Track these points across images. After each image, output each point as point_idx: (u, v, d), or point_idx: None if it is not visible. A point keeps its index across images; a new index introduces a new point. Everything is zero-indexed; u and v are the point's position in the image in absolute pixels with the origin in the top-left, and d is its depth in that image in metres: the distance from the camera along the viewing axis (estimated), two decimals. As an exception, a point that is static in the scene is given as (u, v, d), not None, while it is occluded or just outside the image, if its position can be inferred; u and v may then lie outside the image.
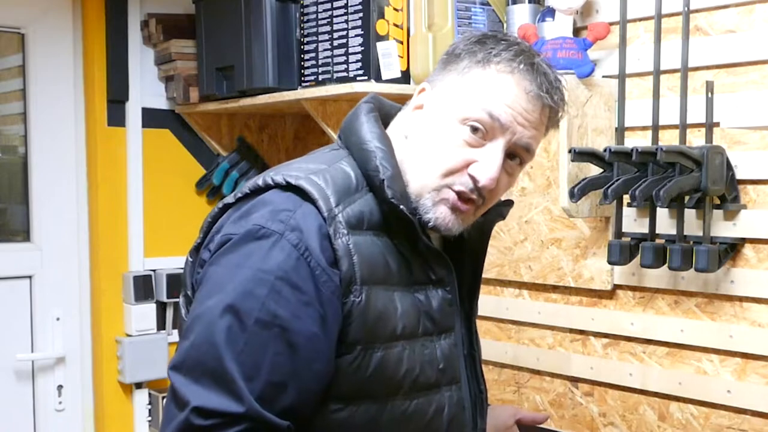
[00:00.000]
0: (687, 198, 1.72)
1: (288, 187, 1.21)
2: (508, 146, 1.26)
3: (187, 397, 1.11)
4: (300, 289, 1.15)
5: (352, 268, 1.17)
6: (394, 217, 1.23)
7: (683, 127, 1.74)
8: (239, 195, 1.25)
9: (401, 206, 1.21)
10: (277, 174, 1.23)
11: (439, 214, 1.25)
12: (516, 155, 1.29)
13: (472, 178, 1.23)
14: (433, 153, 1.24)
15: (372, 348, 1.20)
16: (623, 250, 1.78)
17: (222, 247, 1.19)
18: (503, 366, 2.18)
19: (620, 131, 1.84)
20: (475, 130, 1.23)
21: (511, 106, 1.23)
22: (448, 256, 1.32)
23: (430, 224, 1.25)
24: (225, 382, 1.11)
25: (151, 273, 2.69)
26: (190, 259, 1.28)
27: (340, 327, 1.17)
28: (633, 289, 1.91)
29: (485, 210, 1.32)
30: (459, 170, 1.24)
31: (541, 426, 2.08)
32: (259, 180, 1.24)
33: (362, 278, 1.18)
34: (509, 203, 1.44)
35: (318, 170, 1.23)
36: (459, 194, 1.25)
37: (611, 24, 1.86)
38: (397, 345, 1.22)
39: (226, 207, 1.26)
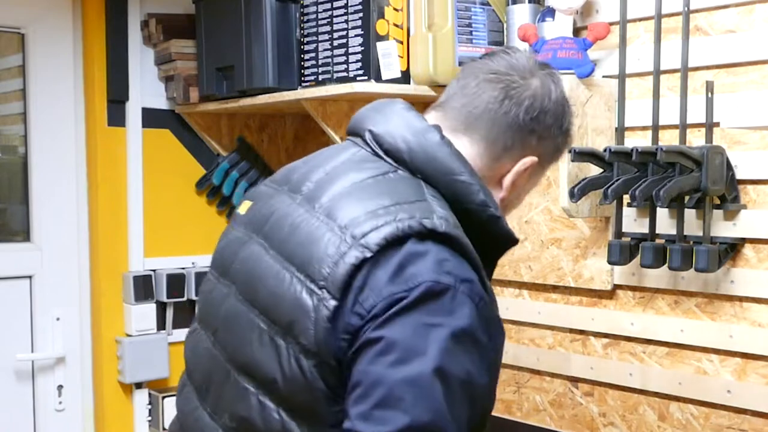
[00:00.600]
0: (687, 198, 1.72)
1: (429, 235, 1.15)
2: None
3: None
4: (481, 344, 1.14)
5: (497, 315, 1.20)
6: (486, 247, 1.24)
7: (683, 127, 1.74)
8: (376, 247, 1.14)
9: (513, 236, 1.29)
10: (391, 214, 1.16)
11: None
12: None
13: None
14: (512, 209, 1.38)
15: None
16: (623, 250, 1.78)
17: (391, 308, 1.11)
18: (503, 366, 2.18)
19: (620, 131, 1.84)
20: None
21: None
22: None
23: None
24: None
25: (151, 273, 2.69)
26: (326, 325, 1.13)
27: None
28: (633, 289, 1.91)
29: None
30: None
31: (541, 426, 2.09)
32: (395, 229, 1.15)
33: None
34: None
35: (430, 208, 1.18)
36: None
37: (611, 24, 1.86)
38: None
39: (364, 263, 1.14)
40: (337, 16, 2.23)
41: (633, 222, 1.84)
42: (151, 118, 2.72)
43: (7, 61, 2.69)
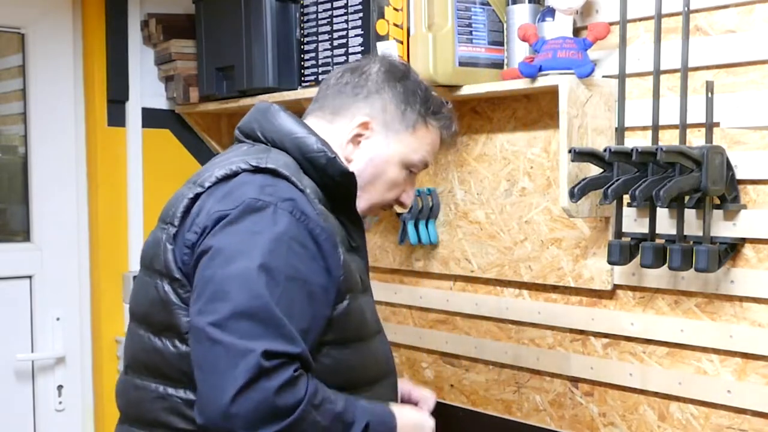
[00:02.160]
0: (687, 198, 1.72)
1: (258, 170, 1.38)
2: None
3: (249, 345, 1.23)
4: (306, 247, 1.33)
5: (332, 233, 1.37)
6: (333, 193, 1.45)
7: (683, 127, 1.74)
8: (209, 183, 1.40)
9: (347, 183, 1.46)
10: (234, 164, 1.40)
11: (367, 223, 1.57)
12: None
13: (401, 203, 1.60)
14: (381, 188, 1.55)
15: (353, 297, 1.41)
16: (623, 250, 1.78)
17: (219, 222, 1.34)
18: (503, 366, 2.18)
19: (620, 131, 1.84)
20: (411, 171, 1.57)
21: (435, 154, 1.61)
22: None
23: (367, 230, 1.63)
24: (279, 327, 1.26)
25: (151, 273, 2.69)
26: (170, 246, 1.40)
27: (339, 277, 1.36)
28: (633, 289, 1.91)
29: None
30: (394, 201, 1.59)
31: (541, 426, 2.09)
32: (222, 170, 1.40)
33: (338, 238, 1.39)
34: None
35: (265, 157, 1.41)
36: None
37: (611, 24, 1.86)
38: (361, 296, 1.45)
39: (198, 196, 1.41)
40: (337, 16, 2.23)
41: (633, 222, 1.84)
42: (151, 118, 2.73)
43: (7, 61, 2.69)
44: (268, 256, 1.29)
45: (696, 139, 1.76)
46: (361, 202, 1.52)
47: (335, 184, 1.45)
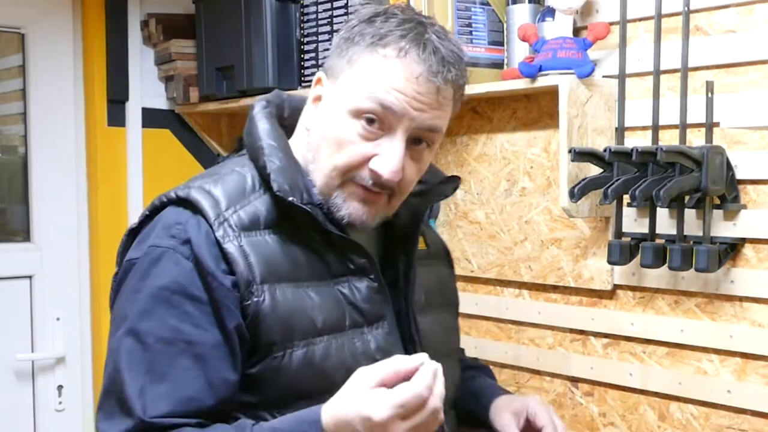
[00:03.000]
0: (687, 198, 1.72)
1: (180, 201, 1.23)
2: (409, 133, 1.21)
3: (105, 429, 1.16)
4: (199, 300, 1.16)
5: (249, 269, 1.17)
6: (293, 211, 1.21)
7: (683, 127, 1.74)
8: (141, 218, 1.28)
9: (290, 198, 1.20)
10: (172, 190, 1.26)
11: (351, 209, 1.23)
12: (421, 139, 1.24)
13: (374, 172, 1.21)
14: (330, 150, 1.22)
15: (291, 346, 1.18)
16: (623, 250, 1.78)
17: (126, 275, 1.22)
18: (503, 366, 2.18)
19: (620, 131, 1.84)
20: (370, 121, 1.19)
21: (403, 92, 1.18)
22: (380, 243, 1.32)
23: (344, 221, 1.24)
24: (124, 402, 1.14)
25: (151, 273, 2.69)
26: (112, 295, 1.29)
27: (246, 330, 1.17)
28: (633, 289, 1.91)
29: (402, 198, 1.29)
30: (359, 166, 1.21)
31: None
32: (156, 200, 1.26)
33: (262, 278, 1.18)
34: (454, 180, 1.41)
35: (212, 178, 1.25)
36: (365, 187, 1.23)
37: (611, 24, 1.86)
38: (320, 341, 1.20)
39: (132, 231, 1.28)
40: (337, 16, 2.23)
41: (633, 222, 1.84)
42: (151, 118, 2.73)
43: (7, 61, 2.69)
44: (138, 318, 1.16)
45: (696, 139, 1.76)
46: (317, 178, 1.24)
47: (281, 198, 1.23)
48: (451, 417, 1.44)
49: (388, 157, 1.20)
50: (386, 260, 1.34)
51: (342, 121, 1.21)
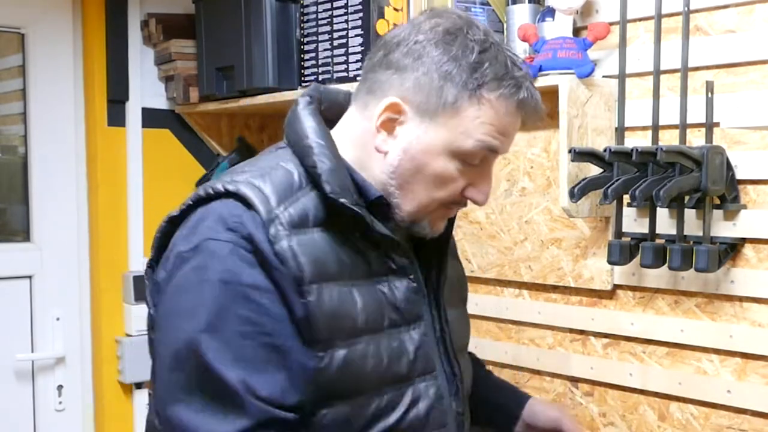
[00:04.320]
0: (687, 198, 1.72)
1: (229, 194, 1.20)
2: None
3: (198, 429, 1.12)
4: (268, 292, 1.16)
5: (299, 269, 1.16)
6: (339, 211, 1.21)
7: (683, 127, 1.74)
8: (183, 207, 1.25)
9: (341, 200, 1.20)
10: (218, 182, 1.23)
11: (437, 228, 1.30)
12: None
13: (471, 200, 1.27)
14: (428, 185, 1.24)
15: (334, 346, 1.18)
16: (623, 250, 1.78)
17: (178, 265, 1.19)
18: (503, 366, 2.18)
19: (620, 131, 1.84)
20: (469, 164, 1.24)
21: (505, 134, 1.24)
22: (411, 244, 1.32)
23: (428, 237, 1.29)
24: (227, 398, 1.12)
25: (151, 273, 2.69)
26: (147, 283, 1.27)
27: (301, 327, 1.17)
28: (633, 289, 1.91)
29: None
30: (455, 198, 1.27)
31: (541, 426, 2.09)
32: (200, 191, 1.24)
33: (312, 277, 1.17)
34: None
35: (258, 173, 1.23)
36: (450, 207, 1.30)
37: (611, 24, 1.86)
38: (360, 341, 1.21)
39: (173, 220, 1.26)
40: (337, 16, 2.23)
41: (633, 222, 1.84)
42: (151, 118, 2.73)
43: (7, 61, 2.69)
44: (213, 314, 1.14)
45: (696, 139, 1.76)
46: (406, 204, 1.25)
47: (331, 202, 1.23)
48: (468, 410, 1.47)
49: (483, 187, 1.27)
50: (418, 259, 1.36)
51: (441, 159, 1.23)
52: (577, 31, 1.94)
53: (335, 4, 2.23)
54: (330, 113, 1.34)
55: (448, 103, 1.20)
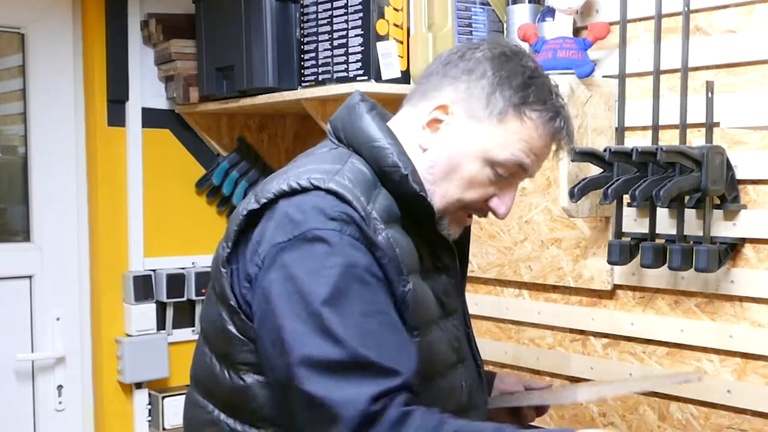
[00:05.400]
0: (687, 198, 1.72)
1: (317, 189, 1.24)
2: None
3: (346, 396, 1.14)
4: (378, 277, 1.21)
5: (397, 260, 1.23)
6: (412, 210, 1.29)
7: (683, 127, 1.74)
8: (264, 200, 1.26)
9: (429, 200, 1.29)
10: (299, 178, 1.25)
11: (453, 231, 1.36)
12: None
13: (492, 210, 1.34)
14: (458, 184, 1.31)
15: (420, 333, 1.26)
16: (623, 250, 1.78)
17: (278, 257, 1.21)
18: (503, 366, 2.18)
19: (620, 131, 1.84)
20: (500, 175, 1.31)
21: (539, 155, 1.32)
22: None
23: (449, 238, 1.38)
24: (371, 368, 1.15)
25: (151, 273, 2.69)
26: (223, 270, 1.28)
27: (402, 312, 1.23)
28: (633, 289, 1.91)
29: None
30: (479, 204, 1.34)
31: (542, 426, 2.09)
32: (283, 185, 1.25)
33: (406, 268, 1.24)
34: None
35: (336, 170, 1.27)
36: (469, 214, 1.38)
37: (611, 24, 1.86)
38: (432, 329, 1.30)
39: (252, 213, 1.27)
40: (337, 16, 2.23)
41: (633, 222, 1.84)
42: (151, 118, 2.73)
43: (7, 61, 2.69)
44: (336, 296, 1.17)
45: (696, 139, 1.76)
46: (436, 200, 1.31)
47: (409, 201, 1.29)
48: None
49: (507, 201, 1.34)
50: None
51: (476, 164, 1.30)
52: (577, 31, 1.94)
53: (335, 4, 2.23)
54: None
55: (494, 113, 1.29)
